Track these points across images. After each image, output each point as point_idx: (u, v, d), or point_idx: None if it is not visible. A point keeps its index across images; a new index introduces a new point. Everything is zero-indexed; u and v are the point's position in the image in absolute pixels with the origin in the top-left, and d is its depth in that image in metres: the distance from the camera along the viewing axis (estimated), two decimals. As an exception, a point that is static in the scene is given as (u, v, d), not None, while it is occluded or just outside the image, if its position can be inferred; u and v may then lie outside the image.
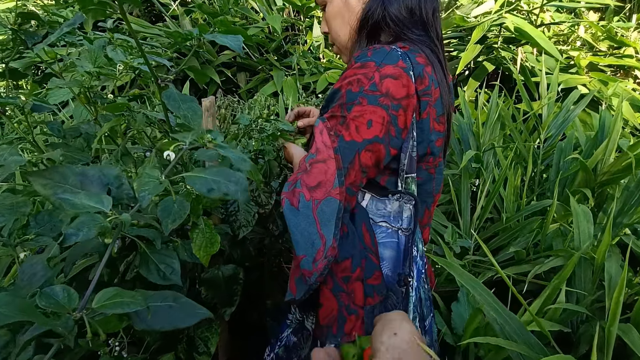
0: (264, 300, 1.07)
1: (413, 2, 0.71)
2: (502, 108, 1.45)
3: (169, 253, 0.58)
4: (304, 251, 0.60)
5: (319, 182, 0.61)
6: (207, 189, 0.44)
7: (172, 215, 0.49)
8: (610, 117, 1.25)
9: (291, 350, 0.73)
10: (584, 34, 2.50)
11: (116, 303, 0.32)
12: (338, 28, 0.78)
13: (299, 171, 0.65)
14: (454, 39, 2.62)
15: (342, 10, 0.76)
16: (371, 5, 0.72)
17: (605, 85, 2.20)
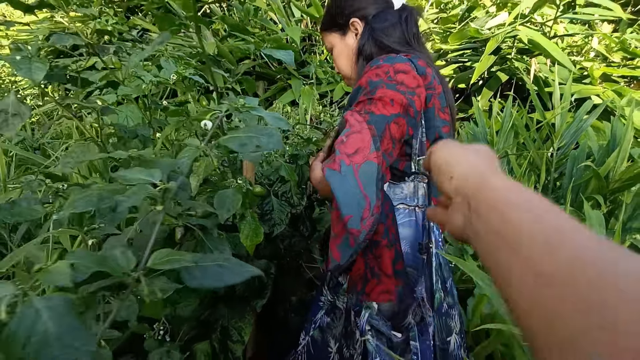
0: (289, 297, 1.13)
1: (397, 32, 0.86)
2: (515, 117, 1.50)
3: (221, 241, 0.65)
4: (351, 211, 0.64)
5: (357, 148, 0.67)
6: (240, 145, 0.48)
7: (227, 205, 0.56)
8: (622, 127, 1.29)
9: (325, 330, 0.80)
10: (597, 45, 2.54)
11: (169, 260, 0.37)
12: (343, 64, 0.96)
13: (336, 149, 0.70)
14: (468, 50, 2.68)
15: (344, 49, 0.94)
16: (363, 42, 0.88)
17: (618, 96, 2.23)
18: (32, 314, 0.25)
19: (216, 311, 0.95)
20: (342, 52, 0.94)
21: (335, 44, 0.95)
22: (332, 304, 0.81)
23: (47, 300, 0.26)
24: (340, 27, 0.93)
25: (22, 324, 0.24)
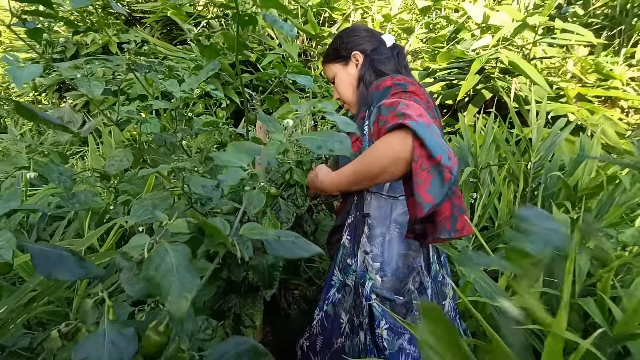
0: (292, 291, 1.24)
1: (392, 64, 1.05)
2: (496, 132, 1.65)
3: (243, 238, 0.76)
4: (440, 151, 0.72)
5: (420, 114, 0.78)
6: (317, 147, 0.56)
7: (254, 203, 0.68)
8: (589, 142, 1.45)
9: (337, 305, 0.92)
10: (572, 67, 2.74)
11: (256, 232, 0.49)
12: (345, 91, 1.12)
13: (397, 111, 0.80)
14: (455, 69, 2.86)
15: (346, 77, 1.11)
16: (363, 72, 1.07)
17: (591, 114, 2.42)
18: (163, 251, 0.37)
19: (229, 301, 1.05)
20: (345, 79, 1.11)
21: (338, 72, 1.12)
22: (342, 283, 0.94)
23: (172, 245, 0.38)
24: (343, 58, 1.10)
25: (157, 256, 0.36)
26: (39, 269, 0.41)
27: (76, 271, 0.44)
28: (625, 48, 3.32)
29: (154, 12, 3.99)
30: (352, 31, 1.14)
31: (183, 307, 0.34)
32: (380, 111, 0.88)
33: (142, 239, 0.38)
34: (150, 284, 0.35)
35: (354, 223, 1.00)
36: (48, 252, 0.42)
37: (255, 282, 0.98)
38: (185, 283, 0.35)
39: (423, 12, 3.09)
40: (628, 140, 2.44)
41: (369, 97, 1.03)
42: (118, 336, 0.35)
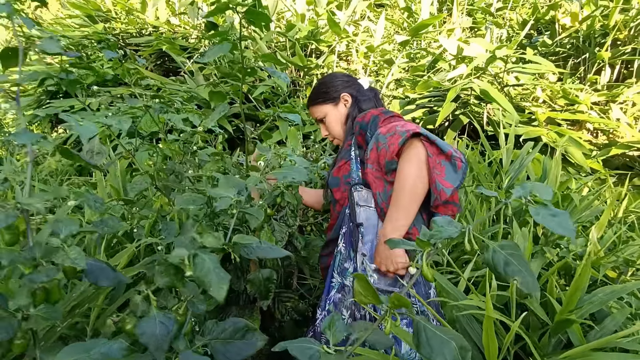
0: (285, 304, 1.35)
1: (372, 103, 1.31)
2: (469, 155, 1.82)
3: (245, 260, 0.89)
4: (448, 147, 0.98)
5: (417, 125, 1.03)
6: (282, 177, 0.78)
7: (255, 218, 0.81)
8: (550, 162, 1.62)
9: (338, 304, 1.05)
10: (541, 94, 2.97)
11: (244, 239, 0.63)
12: (336, 127, 1.33)
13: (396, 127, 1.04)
14: (434, 97, 3.07)
15: (337, 117, 1.33)
16: (351, 111, 1.30)
17: (560, 136, 2.62)
18: (202, 259, 0.51)
19: (229, 312, 1.16)
20: (335, 117, 1.32)
21: (329, 112, 1.32)
22: (341, 284, 1.07)
23: (208, 254, 0.51)
24: (333, 99, 1.31)
25: (199, 263, 0.50)
26: (90, 277, 0.53)
27: (113, 279, 0.57)
28: (589, 75, 3.59)
29: (149, 45, 4.18)
30: (335, 77, 1.36)
31: (222, 294, 0.48)
32: (378, 139, 1.07)
33: (183, 251, 0.52)
34: (198, 281, 0.49)
35: (348, 232, 1.14)
36: (94, 264, 0.55)
37: (252, 295, 1.10)
38: (220, 279, 0.49)
39: (402, 45, 3.33)
40: (594, 160, 2.64)
41: (354, 127, 1.25)
42: (164, 318, 0.49)
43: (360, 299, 0.46)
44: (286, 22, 4.12)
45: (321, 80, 1.38)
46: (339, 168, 1.28)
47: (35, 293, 0.51)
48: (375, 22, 4.14)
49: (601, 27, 3.81)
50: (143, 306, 0.51)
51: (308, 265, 1.74)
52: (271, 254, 0.64)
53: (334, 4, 4.43)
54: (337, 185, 1.27)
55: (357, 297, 0.46)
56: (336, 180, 1.27)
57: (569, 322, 0.79)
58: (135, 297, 0.51)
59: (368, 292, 0.45)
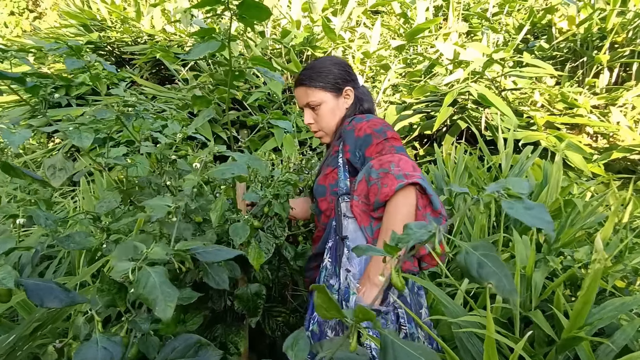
0: (276, 319, 1.28)
1: (369, 101, 1.23)
2: (467, 160, 1.77)
3: (221, 270, 0.83)
4: (439, 204, 0.96)
5: (413, 166, 0.96)
6: (222, 174, 0.72)
7: (239, 235, 0.76)
8: (551, 166, 1.57)
9: (322, 324, 0.97)
10: (539, 98, 2.93)
11: (187, 245, 0.58)
12: (329, 120, 1.19)
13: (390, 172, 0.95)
14: (431, 102, 3.03)
15: (334, 109, 1.19)
16: (350, 110, 1.20)
17: (559, 140, 2.58)
18: (147, 273, 0.45)
19: (215, 330, 1.09)
20: (333, 110, 1.18)
21: (328, 101, 1.17)
22: None
23: (153, 267, 0.46)
24: (337, 90, 1.17)
25: (143, 277, 0.44)
26: (32, 298, 0.48)
27: (63, 299, 0.52)
28: (588, 78, 3.56)
29: (144, 53, 4.16)
30: (339, 65, 1.20)
31: (168, 313, 0.42)
32: (370, 173, 0.99)
33: (126, 265, 0.46)
34: (141, 298, 0.43)
35: (334, 246, 1.06)
36: (39, 285, 0.50)
37: (240, 311, 1.03)
38: (167, 295, 0.44)
39: (398, 50, 3.30)
40: (595, 164, 2.59)
41: (342, 132, 1.15)
42: (108, 343, 0.43)
43: (322, 313, 0.41)
44: (282, 29, 4.10)
45: (322, 63, 1.20)
46: (325, 176, 1.18)
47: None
48: (371, 28, 4.13)
49: (598, 30, 3.78)
50: (86, 329, 0.46)
51: (302, 277, 1.68)
52: (220, 256, 0.59)
53: (329, 10, 4.42)
54: (323, 194, 1.18)
55: (319, 311, 0.41)
56: (322, 189, 1.18)
57: (578, 340, 0.73)
58: (77, 318, 0.46)
59: (330, 306, 0.40)
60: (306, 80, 1.18)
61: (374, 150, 1.03)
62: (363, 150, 1.06)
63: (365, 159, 1.05)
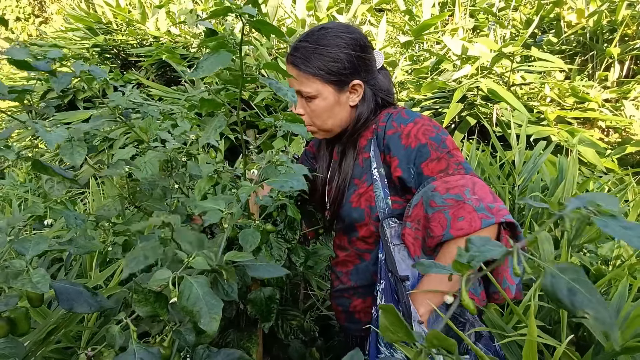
0: (290, 322, 1.26)
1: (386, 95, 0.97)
2: (480, 156, 1.73)
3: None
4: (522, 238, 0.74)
5: (493, 195, 0.77)
6: (280, 186, 0.69)
7: (250, 241, 0.73)
8: (566, 162, 1.53)
9: None
10: (549, 92, 2.88)
11: (237, 256, 0.56)
12: (325, 118, 0.94)
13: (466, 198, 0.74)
14: (439, 99, 2.99)
15: (334, 106, 0.92)
16: (362, 111, 0.95)
17: (571, 135, 2.53)
18: (189, 284, 0.43)
19: (227, 336, 1.07)
20: (331, 107, 0.92)
21: (326, 95, 0.90)
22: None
23: (195, 277, 0.44)
24: (339, 84, 0.91)
25: (185, 289, 0.43)
26: (62, 303, 0.46)
27: (92, 304, 0.50)
28: (598, 72, 3.50)
29: (149, 55, 4.16)
30: (360, 47, 0.91)
31: (214, 327, 0.41)
32: (432, 197, 0.78)
33: (165, 273, 0.44)
34: (185, 311, 0.41)
35: (390, 288, 0.85)
36: (69, 289, 0.48)
37: (253, 316, 1.01)
38: (212, 307, 0.43)
39: (405, 46, 3.26)
40: (608, 159, 2.54)
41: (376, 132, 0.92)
42: (146, 354, 0.42)
43: (388, 337, 0.37)
44: (287, 29, 4.08)
45: (327, 40, 0.89)
46: (359, 195, 0.95)
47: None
48: (377, 26, 4.09)
49: (608, 23, 3.72)
50: (121, 338, 0.44)
51: (315, 276, 1.65)
52: (270, 273, 0.57)
53: (334, 8, 4.39)
54: (362, 219, 0.95)
55: (384, 334, 0.37)
56: (359, 213, 0.95)
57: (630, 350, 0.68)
58: (112, 327, 0.44)
59: (398, 327, 0.36)
60: (300, 62, 0.90)
61: (435, 168, 0.82)
62: (418, 166, 0.85)
63: (422, 177, 0.84)
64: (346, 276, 1.06)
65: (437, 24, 3.96)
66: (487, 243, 0.37)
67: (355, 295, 1.05)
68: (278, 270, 0.59)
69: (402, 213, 0.89)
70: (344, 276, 1.07)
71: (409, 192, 0.90)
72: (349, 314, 1.09)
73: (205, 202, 0.62)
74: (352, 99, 0.95)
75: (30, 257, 0.48)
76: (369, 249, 0.99)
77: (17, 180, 2.39)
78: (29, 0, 11.59)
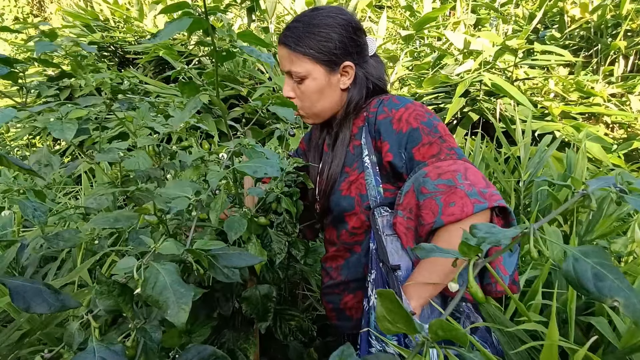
0: (288, 322, 1.21)
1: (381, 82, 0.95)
2: (485, 152, 1.68)
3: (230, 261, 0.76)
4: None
5: (485, 180, 0.74)
6: (253, 171, 0.64)
7: (235, 229, 0.68)
8: (575, 157, 1.48)
9: None
10: (554, 87, 2.83)
11: (206, 245, 0.51)
12: (315, 100, 0.91)
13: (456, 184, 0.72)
14: (441, 94, 2.94)
15: (324, 88, 0.90)
16: (354, 93, 0.93)
17: (577, 130, 2.47)
18: (155, 271, 0.38)
19: (222, 336, 1.02)
20: (321, 88, 0.90)
21: (317, 76, 0.89)
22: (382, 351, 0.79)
23: (161, 265, 0.39)
24: (332, 64, 0.89)
25: (151, 276, 0.38)
26: (17, 302, 0.41)
27: (53, 304, 0.45)
28: (603, 66, 3.44)
29: (147, 52, 4.11)
30: (352, 29, 0.90)
31: (182, 318, 0.36)
32: (423, 184, 0.76)
33: (130, 261, 0.39)
34: (150, 301, 0.36)
35: (380, 277, 0.83)
36: (25, 287, 0.43)
37: (249, 315, 0.96)
38: (181, 296, 0.38)
39: (406, 40, 3.21)
40: (615, 154, 2.49)
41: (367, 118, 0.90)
42: (107, 352, 0.37)
43: (385, 327, 0.31)
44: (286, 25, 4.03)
45: (319, 19, 0.89)
46: (349, 182, 0.92)
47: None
48: (376, 22, 4.04)
49: (612, 17, 3.66)
50: (80, 336, 0.39)
51: (314, 274, 1.60)
52: (244, 262, 0.52)
53: (334, 4, 4.34)
54: (351, 207, 0.92)
55: (381, 324, 0.31)
56: (348, 202, 0.92)
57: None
58: (70, 324, 0.39)
59: (397, 316, 0.30)
60: (291, 41, 0.88)
61: (427, 153, 0.80)
62: (410, 151, 0.82)
63: (414, 162, 0.81)
64: (336, 271, 1.02)
65: (438, 19, 3.90)
66: (494, 227, 0.32)
67: (346, 291, 1.00)
68: (252, 258, 0.54)
69: (394, 202, 0.87)
70: (334, 271, 1.03)
71: (400, 179, 0.87)
72: (339, 312, 1.03)
73: (169, 188, 0.57)
74: (343, 81, 0.93)
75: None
76: (358, 241, 0.95)
77: (10, 176, 2.34)
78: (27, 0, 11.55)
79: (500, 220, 0.76)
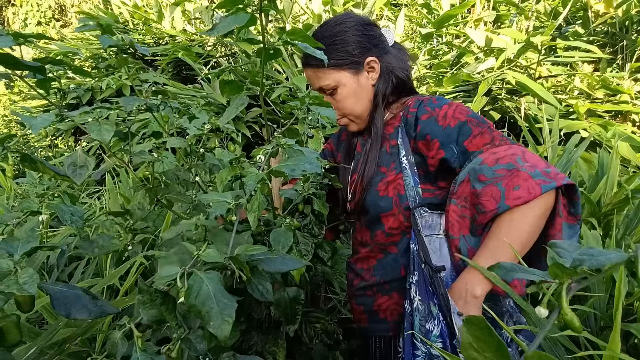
0: (313, 325, 1.20)
1: (403, 71, 0.96)
2: (511, 152, 1.64)
3: (265, 279, 0.74)
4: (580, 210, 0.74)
5: (545, 162, 0.74)
6: (290, 170, 0.62)
7: (282, 242, 0.67)
8: (607, 157, 1.43)
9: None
10: (580, 84, 2.75)
11: (249, 250, 0.50)
12: (353, 104, 0.94)
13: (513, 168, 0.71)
14: (462, 92, 2.89)
15: (356, 90, 0.93)
16: (382, 86, 0.95)
17: (604, 129, 2.40)
18: (199, 280, 0.37)
19: (250, 338, 1.02)
20: (354, 92, 0.92)
21: (346, 82, 0.91)
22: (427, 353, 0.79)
23: (206, 273, 0.38)
24: (355, 65, 0.91)
25: (195, 285, 0.37)
26: (57, 308, 0.41)
27: (92, 310, 0.45)
28: (629, 63, 3.33)
29: (166, 54, 4.16)
30: (364, 25, 0.92)
31: (226, 330, 0.35)
32: (480, 171, 0.74)
33: (173, 269, 0.38)
34: (193, 311, 0.35)
35: (423, 280, 0.81)
36: (65, 292, 0.43)
37: (277, 318, 0.96)
38: (224, 307, 0.37)
39: (425, 38, 3.16)
40: (645, 154, 2.40)
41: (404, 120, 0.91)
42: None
43: (471, 356, 0.29)
44: (302, 25, 4.02)
45: (332, 30, 0.92)
46: (386, 183, 0.92)
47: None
48: (394, 21, 4.00)
49: (637, 13, 3.54)
50: (123, 346, 0.38)
51: (337, 276, 1.59)
52: (288, 266, 0.51)
53: (350, 3, 4.31)
54: (389, 208, 0.91)
55: (466, 352, 0.29)
56: (387, 202, 0.91)
57: None
58: (113, 333, 0.39)
59: (485, 344, 0.28)
60: (312, 60, 0.90)
61: (480, 142, 0.79)
62: (461, 144, 0.81)
63: (467, 154, 0.80)
64: (368, 272, 1.00)
65: (457, 17, 3.84)
66: (590, 249, 0.29)
67: (379, 292, 0.98)
68: (296, 262, 0.53)
69: (432, 202, 0.88)
70: (366, 272, 1.01)
71: (444, 179, 0.87)
72: (372, 314, 1.02)
73: (210, 195, 0.56)
74: (372, 77, 0.95)
75: (19, 256, 0.43)
76: (394, 242, 0.94)
77: (36, 177, 2.39)
78: (49, 5, 11.83)
79: (564, 201, 0.74)
